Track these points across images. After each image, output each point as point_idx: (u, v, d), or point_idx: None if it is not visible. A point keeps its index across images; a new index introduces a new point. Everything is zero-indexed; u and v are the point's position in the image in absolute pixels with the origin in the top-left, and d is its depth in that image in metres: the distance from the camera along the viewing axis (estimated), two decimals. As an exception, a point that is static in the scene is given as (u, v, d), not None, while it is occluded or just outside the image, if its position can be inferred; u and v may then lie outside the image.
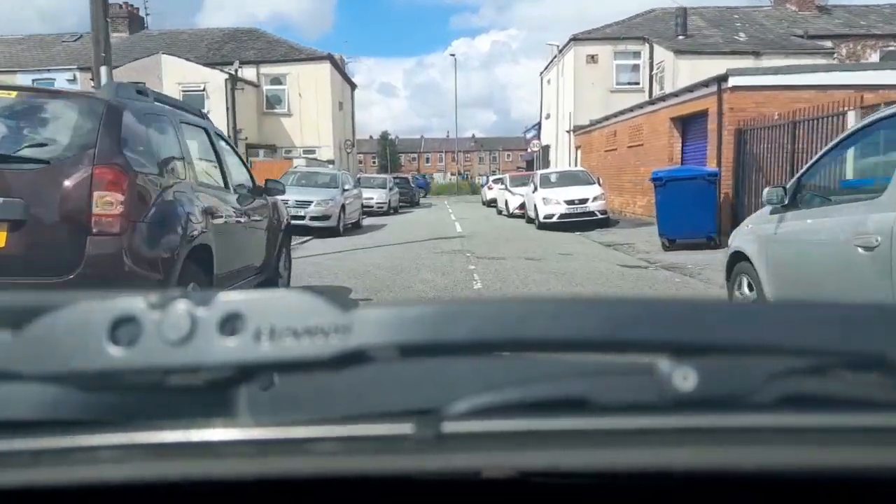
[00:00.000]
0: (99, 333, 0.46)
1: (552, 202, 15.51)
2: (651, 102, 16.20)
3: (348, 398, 0.51)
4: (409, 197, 30.87)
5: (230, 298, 0.47)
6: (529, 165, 36.91)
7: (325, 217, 14.16)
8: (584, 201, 15.38)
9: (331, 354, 0.45)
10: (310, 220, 14.04)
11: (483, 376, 0.52)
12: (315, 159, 26.15)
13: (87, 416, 0.51)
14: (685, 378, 0.48)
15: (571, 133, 25.14)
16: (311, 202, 14.12)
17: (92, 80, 25.44)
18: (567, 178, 16.86)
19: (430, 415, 0.49)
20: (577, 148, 24.83)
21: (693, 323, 0.50)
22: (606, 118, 20.15)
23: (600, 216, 15.43)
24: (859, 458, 0.48)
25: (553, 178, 17.16)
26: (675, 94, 14.50)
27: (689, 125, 14.61)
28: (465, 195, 46.68)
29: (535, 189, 16.44)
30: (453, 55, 47.50)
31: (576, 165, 22.89)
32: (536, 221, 15.96)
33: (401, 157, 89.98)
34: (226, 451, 0.49)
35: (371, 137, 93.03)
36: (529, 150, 32.24)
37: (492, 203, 27.53)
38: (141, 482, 0.47)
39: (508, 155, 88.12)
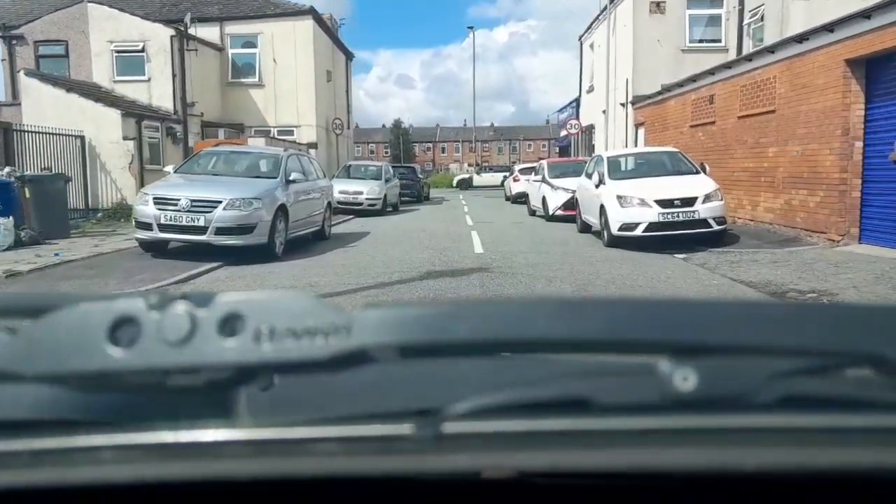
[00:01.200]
0: (99, 334, 0.46)
1: (633, 203, 9.32)
2: (798, 39, 9.86)
3: (348, 399, 0.51)
4: (416, 191, 24.84)
5: (230, 299, 0.47)
6: (564, 152, 30.65)
7: (244, 229, 8.06)
8: (689, 202, 9.16)
9: (330, 355, 0.45)
10: (214, 234, 7.98)
11: (483, 376, 0.53)
12: (293, 142, 20.20)
13: (87, 416, 0.51)
14: (685, 379, 0.47)
15: (629, 106, 18.85)
16: (219, 203, 8.03)
17: None
18: (651, 165, 10.65)
19: (430, 415, 0.48)
20: (637, 125, 18.58)
21: (693, 323, 0.50)
22: (693, 78, 13.86)
23: (716, 227, 9.23)
24: (859, 458, 0.47)
25: (629, 163, 10.97)
26: (865, 15, 8.19)
27: (887, 69, 8.33)
28: (485, 188, 40.48)
29: (601, 182, 10.23)
30: (471, 27, 40.99)
31: (636, 147, 16.69)
32: (605, 234, 9.78)
33: (415, 147, 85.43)
34: (226, 452, 0.48)
35: (384, 126, 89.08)
36: (567, 133, 25.52)
37: (519, 199, 21.45)
38: (141, 482, 0.47)
39: (530, 145, 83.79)
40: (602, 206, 9.85)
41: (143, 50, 18.59)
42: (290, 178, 9.31)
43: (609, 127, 20.99)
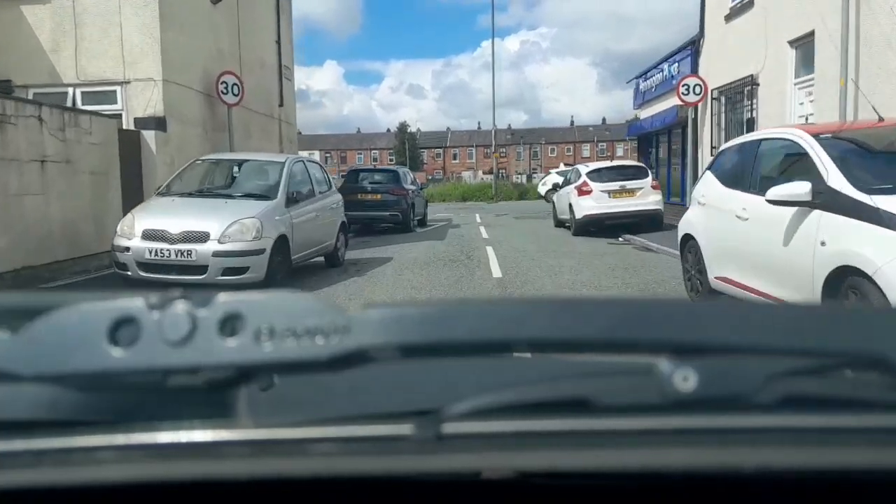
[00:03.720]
0: (99, 334, 0.46)
1: None
2: None
3: (348, 399, 0.51)
4: (401, 212, 13.37)
5: (230, 299, 0.47)
6: (644, 145, 18.88)
7: None
8: None
9: (330, 355, 0.45)
10: None
11: (483, 377, 0.53)
12: (114, 115, 8.64)
13: (87, 417, 0.51)
14: (685, 379, 0.48)
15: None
16: None
17: None
18: None
19: (430, 415, 0.48)
20: None
21: (693, 324, 0.50)
22: None
23: None
24: (859, 458, 0.47)
25: None
26: None
27: None
28: (508, 202, 28.79)
29: None
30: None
31: None
32: None
33: (423, 153, 74.59)
34: (226, 452, 0.49)
35: (388, 130, 79.02)
36: (681, 101, 12.95)
37: (589, 228, 10.64)
38: (141, 482, 0.47)
39: (552, 149, 73.12)
40: None
41: None
42: None
43: (828, 68, 9.09)
